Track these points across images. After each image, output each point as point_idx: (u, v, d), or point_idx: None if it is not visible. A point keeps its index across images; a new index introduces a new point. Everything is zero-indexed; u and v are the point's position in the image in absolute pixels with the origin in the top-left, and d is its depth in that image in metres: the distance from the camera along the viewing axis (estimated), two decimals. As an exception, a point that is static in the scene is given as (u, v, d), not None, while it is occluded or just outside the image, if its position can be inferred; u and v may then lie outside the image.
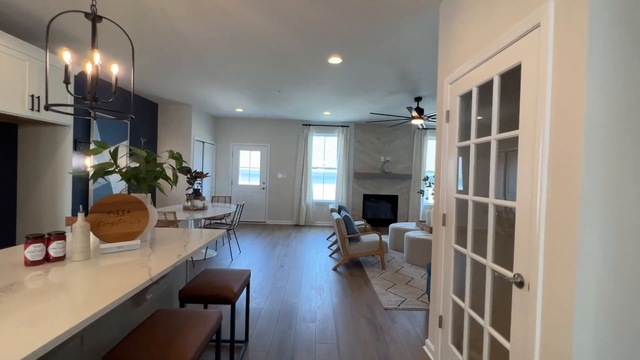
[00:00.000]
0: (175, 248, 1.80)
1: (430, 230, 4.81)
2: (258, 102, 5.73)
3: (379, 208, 7.80)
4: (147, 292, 1.78)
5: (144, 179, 1.89)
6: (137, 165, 2.07)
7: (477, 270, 1.75)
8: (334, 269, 4.24)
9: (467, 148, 1.85)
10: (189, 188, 4.85)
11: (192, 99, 5.73)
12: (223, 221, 6.35)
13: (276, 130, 7.69)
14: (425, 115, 4.90)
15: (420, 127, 5.37)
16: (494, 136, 1.55)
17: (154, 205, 6.05)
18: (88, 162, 4.28)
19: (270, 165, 7.71)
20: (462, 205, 1.96)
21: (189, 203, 4.76)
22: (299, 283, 3.68)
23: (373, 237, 4.41)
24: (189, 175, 4.86)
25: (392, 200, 7.78)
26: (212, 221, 5.41)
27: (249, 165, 7.77)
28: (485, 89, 1.72)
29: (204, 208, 4.69)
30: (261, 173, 7.73)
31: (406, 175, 7.49)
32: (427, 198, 4.76)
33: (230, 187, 7.70)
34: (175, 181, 2.14)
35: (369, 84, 4.35)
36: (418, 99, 5.04)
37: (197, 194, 4.84)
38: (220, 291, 1.92)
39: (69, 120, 3.24)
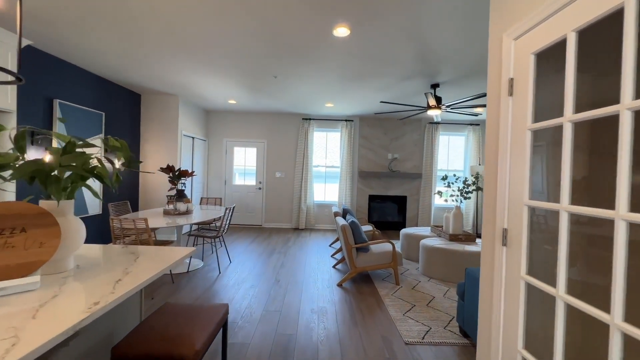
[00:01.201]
0: (100, 286, 1.15)
1: (450, 238, 4.16)
2: (252, 91, 5.08)
3: (386, 210, 7.15)
4: (51, 355, 1.13)
5: (57, 178, 1.25)
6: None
7: (581, 326, 1.10)
8: (339, 285, 3.59)
9: (555, 130, 1.20)
10: (171, 189, 4.20)
11: (178, 89, 5.08)
12: (214, 225, 5.71)
13: (273, 125, 7.04)
14: (443, 105, 4.24)
15: (435, 120, 4.72)
16: (629, 104, 0.90)
17: (135, 208, 5.41)
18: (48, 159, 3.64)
19: (267, 164, 7.07)
20: (541, 218, 1.31)
21: (170, 206, 4.11)
22: (298, 305, 3.03)
23: (385, 246, 3.76)
24: (171, 174, 4.21)
25: (401, 201, 7.13)
26: (200, 227, 4.77)
27: (244, 163, 7.12)
28: (595, 33, 1.07)
29: (187, 212, 4.05)
30: (257, 172, 7.08)
31: (416, 175, 6.84)
32: (445, 200, 4.11)
33: (223, 187, 7.05)
34: (117, 181, 1.50)
35: (380, 65, 3.69)
36: (435, 86, 4.38)
37: (180, 195, 4.20)
38: (174, 347, 1.27)
39: (9, 105, 2.60)
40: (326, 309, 2.95)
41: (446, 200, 4.33)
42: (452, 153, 7.26)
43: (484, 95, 3.45)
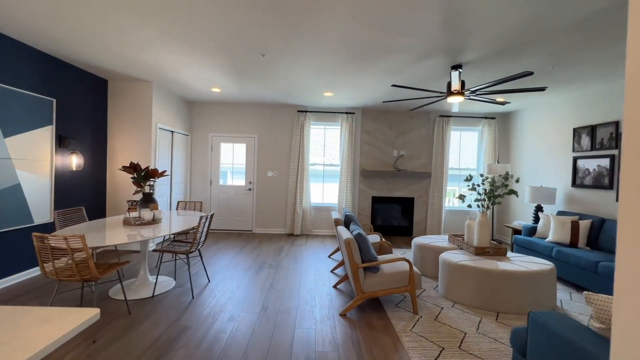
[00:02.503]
0: None
1: (476, 252, 3.43)
2: (237, 76, 4.30)
3: (391, 213, 6.42)
4: None
5: None
6: None
7: None
8: (342, 315, 2.85)
9: None
10: (137, 192, 3.43)
11: (151, 73, 4.29)
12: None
13: (265, 118, 6.26)
14: (467, 89, 3.50)
15: (453, 110, 3.99)
16: None
17: (101, 214, 4.60)
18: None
19: (258, 161, 6.29)
20: None
21: (133, 214, 3.34)
22: (289, 349, 2.28)
23: (400, 265, 3.02)
24: (134, 175, 3.44)
25: (407, 203, 6.40)
26: (174, 239, 4.00)
27: (232, 161, 6.34)
28: None
29: (154, 221, 3.28)
30: (247, 171, 6.31)
31: (424, 174, 6.11)
32: (469, 206, 3.39)
33: (208, 188, 6.27)
34: None
35: (393, 35, 2.94)
36: (456, 68, 3.64)
37: (146, 199, 3.43)
38: None
39: None
40: (327, 356, 2.20)
41: (470, 206, 3.60)
42: (464, 150, 6.54)
43: (530, 73, 2.71)
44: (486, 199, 3.46)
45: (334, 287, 3.52)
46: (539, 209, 4.94)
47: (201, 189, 6.26)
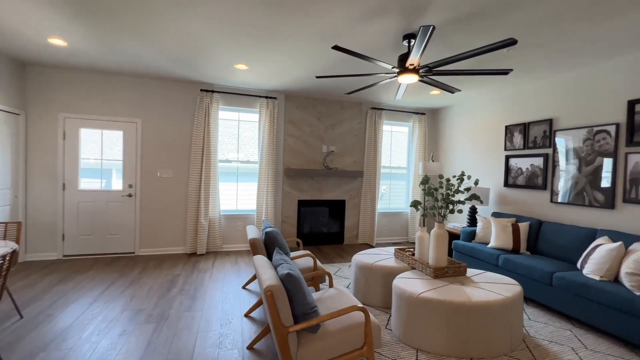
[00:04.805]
0: None
1: (435, 274, 2.69)
2: (87, 12, 2.65)
3: (320, 219, 5.49)
4: None
5: None
6: None
7: None
8: (263, 416, 1.68)
9: None
10: None
11: None
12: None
13: (153, 97, 4.55)
14: (426, 67, 2.72)
15: (396, 98, 3.25)
16: None
17: None
18: None
19: (144, 156, 4.55)
20: None
21: None
22: None
23: (352, 318, 2.00)
24: None
25: (338, 207, 5.56)
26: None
27: (101, 155, 4.43)
28: None
29: None
30: (126, 169, 4.49)
31: (356, 173, 5.37)
32: (423, 215, 2.62)
33: (60, 195, 4.23)
34: None
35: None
36: (409, 38, 2.83)
37: None
38: None
39: None
40: None
41: (424, 215, 2.85)
42: (395, 147, 6.07)
43: (514, 42, 2.00)
44: (444, 207, 2.75)
45: (249, 348, 2.32)
46: (473, 210, 4.67)
47: (46, 197, 4.18)
